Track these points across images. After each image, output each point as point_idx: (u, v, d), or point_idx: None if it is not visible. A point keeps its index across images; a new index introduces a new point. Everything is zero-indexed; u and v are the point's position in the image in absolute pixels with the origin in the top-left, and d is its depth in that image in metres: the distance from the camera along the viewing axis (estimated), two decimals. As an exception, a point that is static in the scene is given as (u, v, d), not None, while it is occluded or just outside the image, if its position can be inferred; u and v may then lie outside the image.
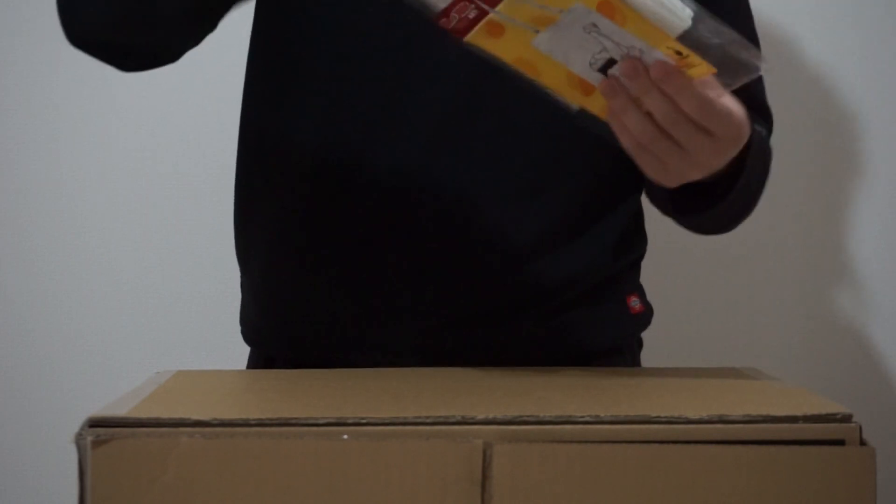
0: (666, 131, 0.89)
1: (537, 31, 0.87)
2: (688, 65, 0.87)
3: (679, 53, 0.86)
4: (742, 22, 1.12)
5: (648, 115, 0.89)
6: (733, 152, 0.95)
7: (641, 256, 1.19)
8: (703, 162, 0.93)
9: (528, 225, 1.07)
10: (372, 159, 1.06)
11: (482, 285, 1.07)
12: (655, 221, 1.20)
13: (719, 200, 1.04)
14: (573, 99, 0.91)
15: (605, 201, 1.12)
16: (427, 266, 1.07)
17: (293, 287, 1.11)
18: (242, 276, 1.18)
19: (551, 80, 0.90)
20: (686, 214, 1.10)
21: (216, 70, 1.49)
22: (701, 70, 0.87)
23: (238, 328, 1.19)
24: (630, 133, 0.90)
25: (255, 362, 1.17)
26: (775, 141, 1.16)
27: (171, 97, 1.61)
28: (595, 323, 1.12)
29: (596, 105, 0.91)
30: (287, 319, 1.12)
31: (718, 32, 0.85)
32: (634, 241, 1.17)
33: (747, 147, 0.98)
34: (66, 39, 1.05)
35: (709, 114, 0.89)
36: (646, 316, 1.17)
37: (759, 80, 1.14)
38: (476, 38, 0.88)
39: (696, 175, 0.95)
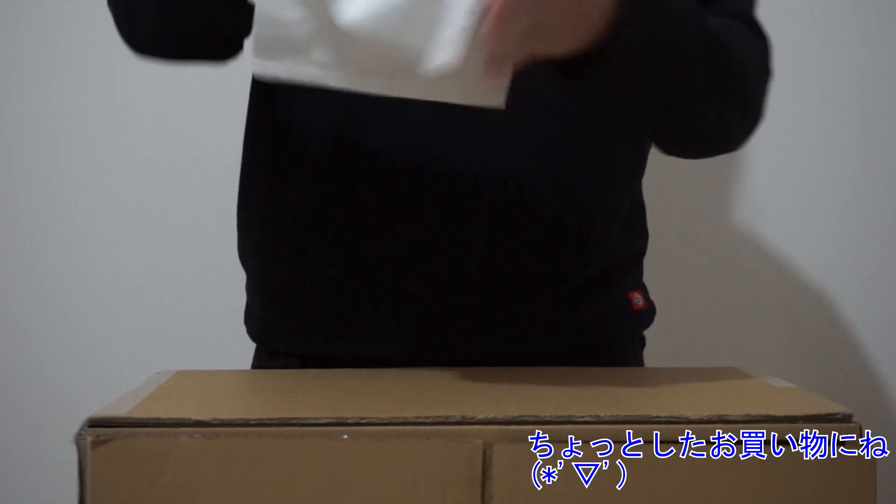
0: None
1: None
2: None
3: None
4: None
5: None
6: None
7: (643, 251, 1.19)
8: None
9: (534, 176, 1.07)
10: (373, 149, 1.07)
11: (485, 272, 1.07)
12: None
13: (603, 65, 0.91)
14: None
15: (605, 167, 1.11)
16: (426, 256, 1.07)
17: (294, 280, 1.11)
18: (246, 276, 1.18)
19: None
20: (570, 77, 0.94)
21: (217, 69, 1.49)
22: None
23: (239, 327, 1.19)
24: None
25: (261, 357, 1.18)
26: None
27: (172, 96, 1.61)
28: (596, 316, 1.12)
29: None
30: (289, 313, 1.13)
31: None
32: (636, 229, 1.17)
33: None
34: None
35: None
36: (648, 314, 1.17)
37: None
38: None
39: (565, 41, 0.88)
